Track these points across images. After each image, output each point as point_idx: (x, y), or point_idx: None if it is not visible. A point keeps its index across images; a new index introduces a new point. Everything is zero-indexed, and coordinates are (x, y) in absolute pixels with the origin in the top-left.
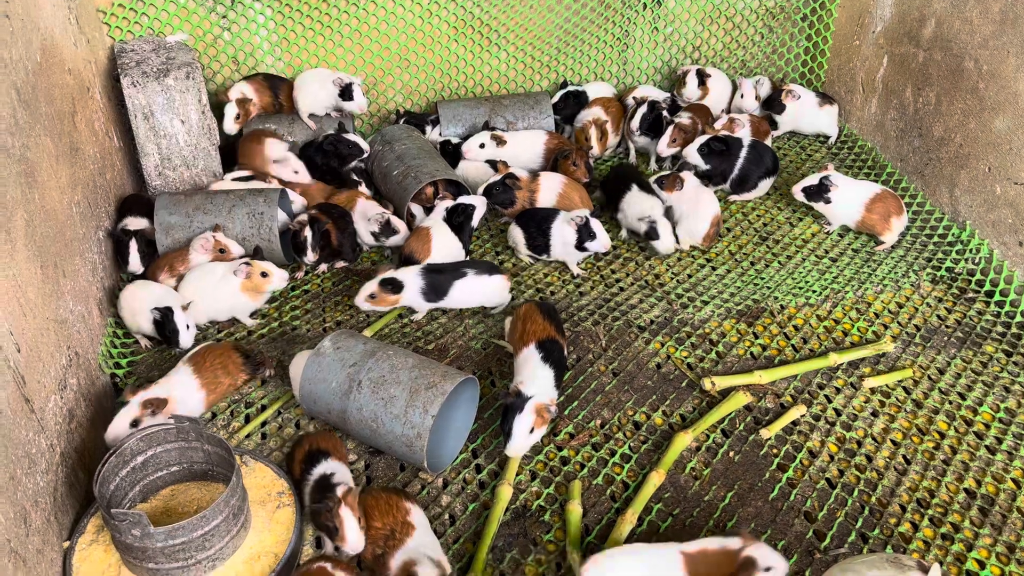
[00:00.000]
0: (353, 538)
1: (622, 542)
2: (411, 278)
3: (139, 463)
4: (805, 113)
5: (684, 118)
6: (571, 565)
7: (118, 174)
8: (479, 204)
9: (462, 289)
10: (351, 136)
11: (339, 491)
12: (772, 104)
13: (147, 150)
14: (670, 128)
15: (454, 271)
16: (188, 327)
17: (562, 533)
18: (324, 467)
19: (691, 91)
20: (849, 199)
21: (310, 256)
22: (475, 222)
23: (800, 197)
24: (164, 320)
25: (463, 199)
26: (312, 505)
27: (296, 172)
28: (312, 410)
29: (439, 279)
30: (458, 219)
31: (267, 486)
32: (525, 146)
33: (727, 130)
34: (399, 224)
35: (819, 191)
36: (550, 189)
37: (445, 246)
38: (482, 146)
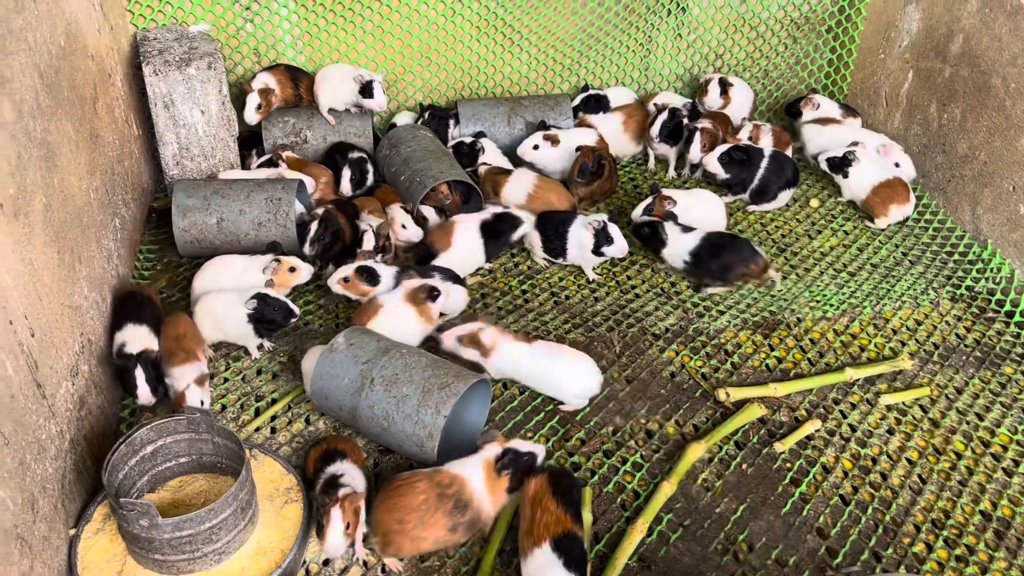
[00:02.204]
0: (332, 542)
1: (632, 552)
2: (387, 275)
3: (148, 453)
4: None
5: (707, 125)
6: None
7: (136, 162)
8: (527, 225)
9: None
10: (345, 172)
11: (341, 492)
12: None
13: (166, 139)
14: (698, 134)
15: (423, 274)
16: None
17: None
18: (336, 467)
19: (713, 99)
20: (862, 178)
21: (307, 248)
22: (514, 237)
23: (824, 167)
24: (263, 306)
25: (516, 212)
26: (314, 495)
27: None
28: (323, 406)
29: None
30: (502, 227)
31: (276, 481)
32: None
33: (753, 137)
34: (366, 245)
35: (841, 164)
36: (518, 187)
37: (467, 242)
38: (536, 147)
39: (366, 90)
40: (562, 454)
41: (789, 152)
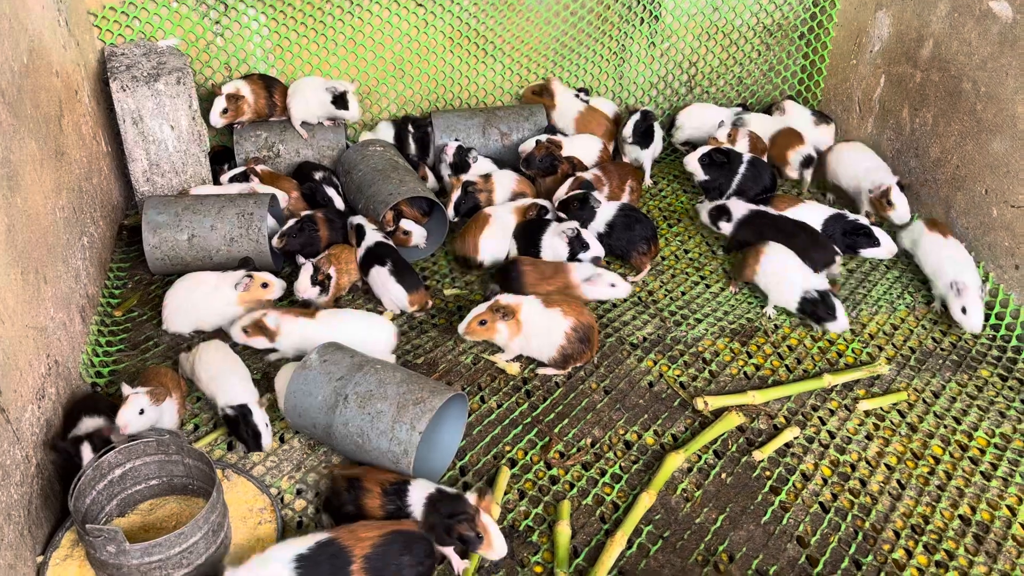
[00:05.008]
0: (500, 544)
1: (611, 565)
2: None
3: (117, 476)
4: (801, 131)
5: None
6: None
7: (105, 179)
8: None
9: None
10: (329, 190)
11: (472, 499)
12: None
13: (135, 155)
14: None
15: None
16: (267, 425)
17: (550, 555)
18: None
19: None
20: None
21: (275, 241)
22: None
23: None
24: (241, 419)
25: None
26: (447, 520)
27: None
28: (297, 424)
29: None
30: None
31: (249, 502)
32: (580, 151)
33: (731, 138)
34: (302, 281)
35: (806, 164)
36: (503, 186)
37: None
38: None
39: (340, 101)
40: (540, 467)
41: (766, 158)
